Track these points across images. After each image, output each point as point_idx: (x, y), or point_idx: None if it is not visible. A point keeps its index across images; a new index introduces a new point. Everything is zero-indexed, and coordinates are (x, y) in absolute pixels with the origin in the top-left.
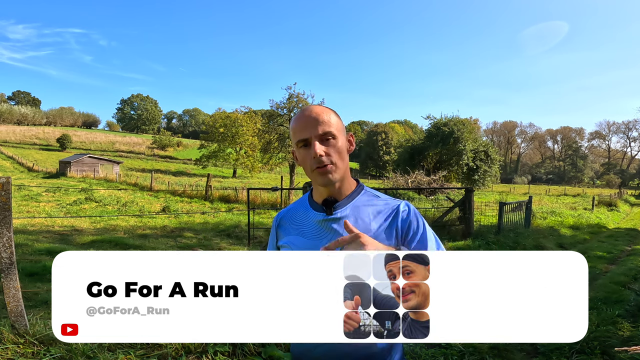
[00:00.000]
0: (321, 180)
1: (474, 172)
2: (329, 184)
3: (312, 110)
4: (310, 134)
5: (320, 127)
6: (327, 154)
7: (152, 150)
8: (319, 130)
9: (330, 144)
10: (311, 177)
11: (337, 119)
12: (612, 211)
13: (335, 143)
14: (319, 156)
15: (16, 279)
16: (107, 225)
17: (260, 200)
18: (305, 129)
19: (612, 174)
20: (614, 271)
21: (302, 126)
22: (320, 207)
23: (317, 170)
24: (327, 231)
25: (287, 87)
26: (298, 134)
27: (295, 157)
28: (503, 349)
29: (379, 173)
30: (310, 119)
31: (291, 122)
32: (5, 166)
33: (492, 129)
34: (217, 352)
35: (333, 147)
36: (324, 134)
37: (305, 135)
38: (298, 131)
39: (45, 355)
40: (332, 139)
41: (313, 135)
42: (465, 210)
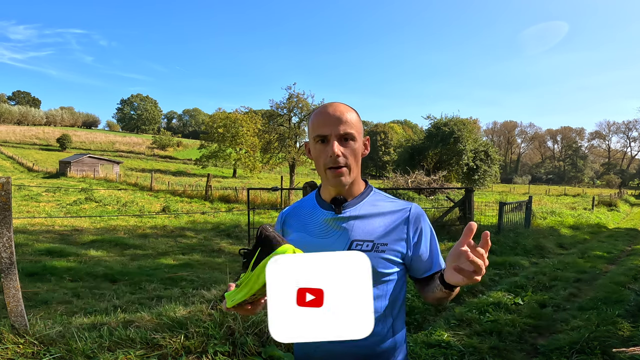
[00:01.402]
0: (333, 181)
1: (474, 172)
2: (340, 186)
3: (336, 108)
4: (331, 132)
5: (342, 126)
6: (344, 155)
7: (152, 150)
8: (340, 130)
9: (348, 145)
10: (322, 174)
11: (358, 120)
12: (612, 211)
13: (354, 145)
14: (335, 156)
15: (16, 279)
16: (107, 225)
17: (260, 200)
18: (326, 125)
19: (612, 174)
20: (614, 271)
21: (324, 122)
22: (329, 206)
23: (331, 170)
24: (335, 229)
25: (287, 87)
26: (318, 129)
27: (307, 150)
28: (503, 349)
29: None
30: (334, 117)
31: (312, 114)
32: (5, 166)
33: (492, 129)
34: (217, 352)
35: (351, 148)
36: (344, 134)
37: (325, 132)
38: (318, 126)
39: (45, 355)
40: (352, 140)
41: (333, 133)
42: (465, 210)
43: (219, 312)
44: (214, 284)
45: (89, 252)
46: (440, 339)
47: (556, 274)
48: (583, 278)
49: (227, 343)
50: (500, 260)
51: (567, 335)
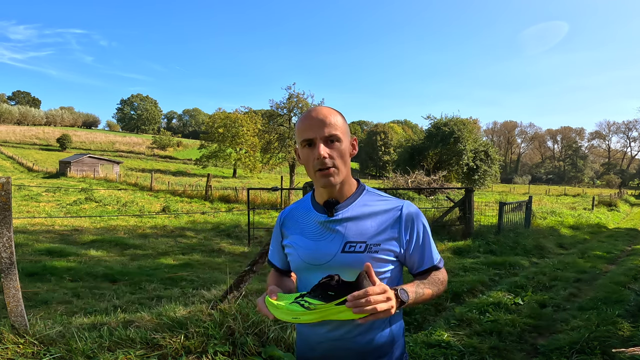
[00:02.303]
0: (322, 182)
1: (474, 172)
2: (329, 187)
3: (319, 112)
4: (316, 135)
5: (327, 129)
6: (330, 157)
7: (152, 150)
8: (325, 132)
9: (334, 147)
10: (312, 177)
11: (343, 121)
12: (612, 211)
13: (340, 146)
14: (322, 158)
15: (16, 279)
16: (107, 225)
17: (260, 200)
18: (311, 129)
19: (612, 174)
20: (614, 271)
21: (308, 126)
22: (322, 208)
23: (320, 172)
24: (328, 232)
25: (287, 87)
26: (303, 134)
27: (297, 155)
28: (503, 349)
29: (378, 173)
30: (317, 120)
31: (297, 120)
32: (5, 166)
33: (492, 129)
34: (217, 352)
35: (337, 150)
36: (329, 136)
37: (310, 136)
38: (303, 131)
39: (45, 355)
40: (337, 141)
41: (318, 136)
42: (465, 210)
43: (219, 312)
44: (214, 284)
45: (89, 252)
46: (440, 339)
47: (556, 274)
48: (583, 278)
49: (227, 343)
50: (500, 260)
51: (567, 335)
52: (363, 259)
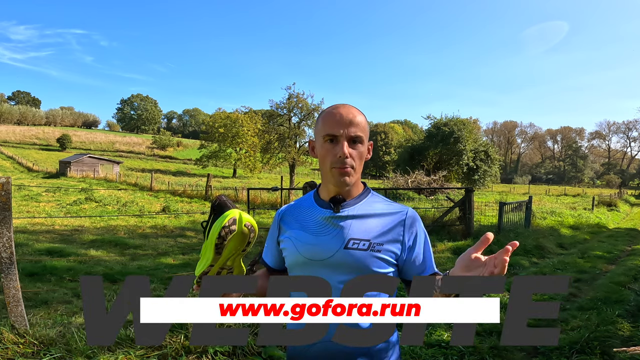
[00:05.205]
0: (337, 180)
1: (474, 172)
2: (343, 185)
3: (349, 110)
4: (342, 132)
5: (353, 128)
6: (351, 157)
7: (152, 150)
8: (351, 132)
9: (356, 148)
10: (326, 173)
11: (367, 124)
12: (612, 211)
13: (361, 148)
14: (345, 157)
15: (16, 279)
16: (107, 225)
17: (260, 201)
18: (338, 126)
19: (612, 174)
20: (614, 271)
21: (336, 122)
22: (327, 204)
23: (337, 169)
24: (332, 227)
25: (287, 87)
26: (328, 128)
27: (311, 147)
28: (503, 349)
29: (378, 173)
30: (346, 118)
31: (323, 112)
32: (5, 166)
33: (492, 129)
34: (217, 352)
35: (358, 151)
36: (354, 136)
37: (335, 132)
38: (329, 125)
39: (45, 355)
40: (360, 143)
41: (344, 134)
42: (465, 210)
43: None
44: None
45: (89, 252)
46: (440, 339)
47: (556, 274)
48: (583, 278)
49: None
50: None
51: (567, 335)
52: (365, 258)
